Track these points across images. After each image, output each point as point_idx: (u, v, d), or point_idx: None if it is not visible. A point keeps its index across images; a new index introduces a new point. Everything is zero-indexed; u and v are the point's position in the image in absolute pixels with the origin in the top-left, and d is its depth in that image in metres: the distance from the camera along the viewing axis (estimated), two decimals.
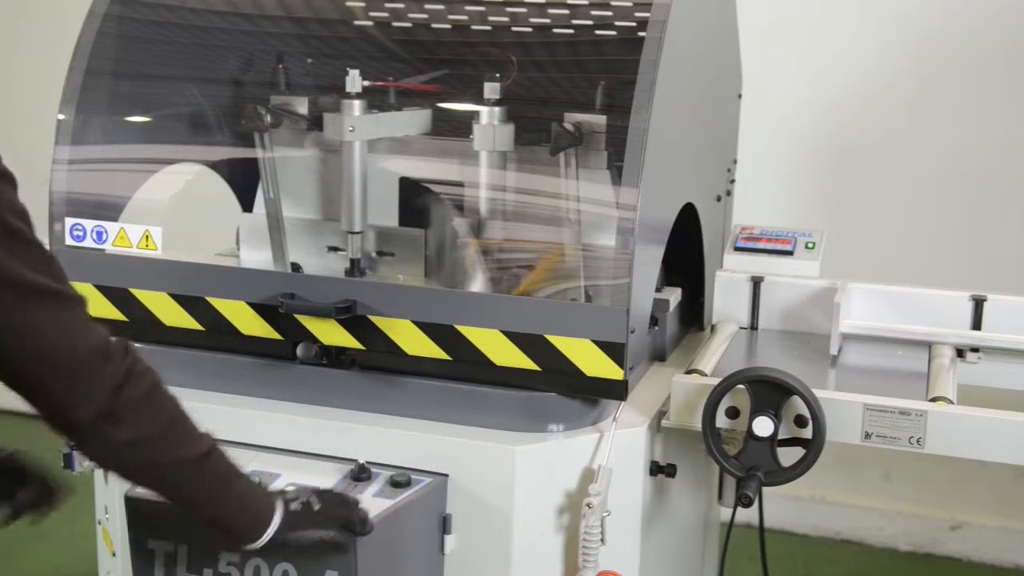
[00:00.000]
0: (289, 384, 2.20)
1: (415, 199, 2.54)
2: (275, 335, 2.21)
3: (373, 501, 1.99)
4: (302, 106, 2.52)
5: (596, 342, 2.06)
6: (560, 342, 2.08)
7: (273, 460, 2.11)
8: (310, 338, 2.19)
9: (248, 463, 2.09)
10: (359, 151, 2.45)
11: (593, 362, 2.07)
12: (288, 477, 2.05)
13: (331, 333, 2.16)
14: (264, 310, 2.19)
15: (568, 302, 2.20)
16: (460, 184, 2.50)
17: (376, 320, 2.15)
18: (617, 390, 2.08)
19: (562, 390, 2.11)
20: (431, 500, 2.05)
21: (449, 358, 2.13)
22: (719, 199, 2.74)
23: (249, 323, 2.21)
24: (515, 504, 2.06)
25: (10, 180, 1.47)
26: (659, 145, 2.11)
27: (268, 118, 2.46)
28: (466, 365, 2.13)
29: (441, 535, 2.08)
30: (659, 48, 2.11)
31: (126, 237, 2.32)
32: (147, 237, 2.31)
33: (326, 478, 2.05)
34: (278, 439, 2.15)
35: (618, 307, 2.06)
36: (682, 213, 2.37)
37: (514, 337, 2.10)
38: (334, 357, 2.20)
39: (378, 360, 2.17)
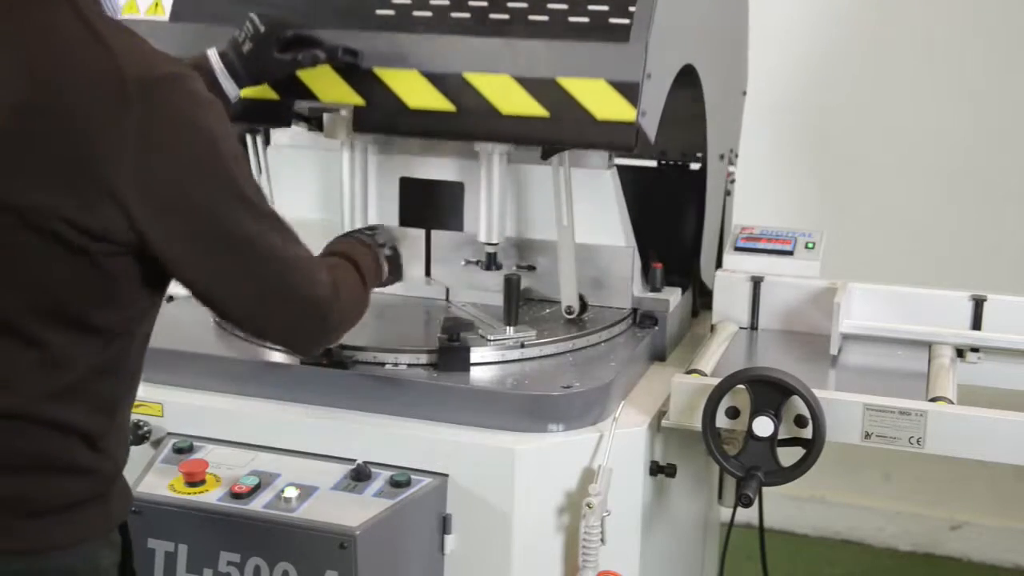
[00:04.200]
0: (289, 384, 2.20)
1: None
2: (272, 95, 2.17)
3: (373, 501, 2.00)
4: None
5: (610, 82, 1.99)
6: (572, 84, 2.00)
7: (273, 460, 2.11)
8: (310, 96, 2.15)
9: (248, 463, 2.10)
10: (359, 151, 2.45)
11: (605, 104, 1.99)
12: (288, 477, 2.05)
13: (332, 88, 2.10)
14: None
15: (582, 42, 2.09)
16: (460, 184, 2.51)
17: (380, 72, 2.09)
18: (627, 136, 1.99)
19: (570, 138, 2.04)
20: (431, 500, 2.05)
21: (454, 108, 2.07)
22: (722, 158, 2.73)
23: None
24: (515, 504, 2.06)
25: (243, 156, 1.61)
26: None
27: None
28: (471, 117, 2.07)
29: (441, 535, 2.08)
30: None
31: None
32: None
33: (326, 478, 2.05)
34: (278, 439, 2.15)
35: (636, 44, 1.99)
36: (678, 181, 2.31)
37: (524, 82, 2.03)
38: (334, 357, 2.20)
39: (377, 119, 2.12)
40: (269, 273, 1.64)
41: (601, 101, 2.02)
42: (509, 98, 2.05)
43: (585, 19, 2.09)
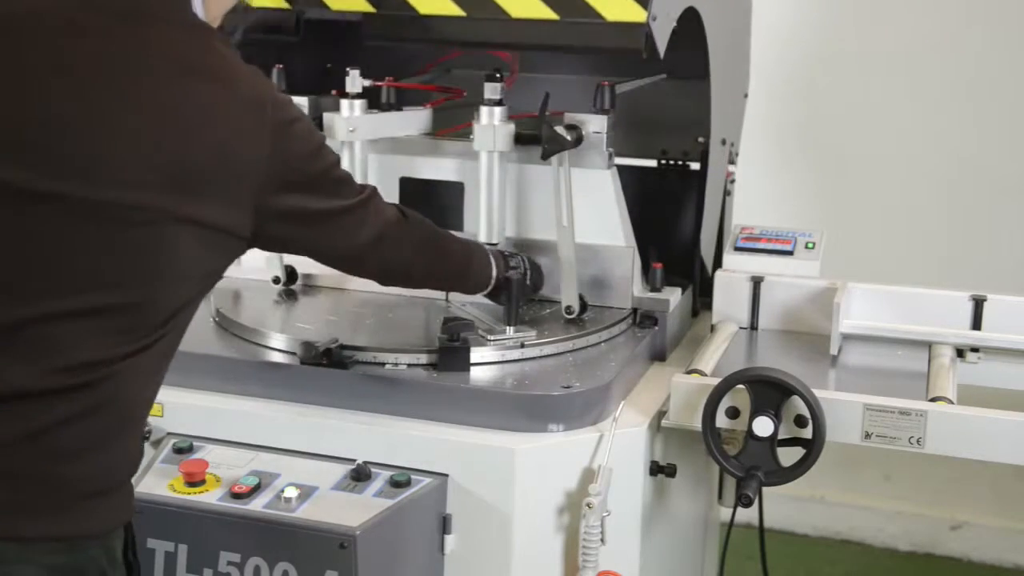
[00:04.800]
0: (289, 384, 2.20)
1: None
2: (281, 3, 2.20)
3: (373, 501, 2.00)
4: (303, 106, 2.51)
5: None
6: None
7: (273, 460, 2.11)
8: (319, 4, 2.16)
9: (248, 463, 2.10)
10: (359, 151, 2.45)
11: (615, 6, 2.01)
12: (288, 477, 2.05)
13: None
14: None
15: None
16: (460, 184, 2.51)
17: None
18: (636, 37, 2.01)
19: (579, 41, 2.06)
20: (431, 500, 2.05)
21: (463, 13, 2.10)
22: (724, 142, 2.72)
23: None
24: (515, 504, 2.06)
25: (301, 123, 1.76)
26: None
27: None
28: (481, 22, 2.11)
29: (441, 535, 2.08)
30: None
31: None
32: None
33: (326, 478, 2.05)
34: (278, 439, 2.15)
35: None
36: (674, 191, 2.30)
37: None
38: (334, 357, 2.20)
39: (388, 25, 2.15)
40: (358, 236, 1.91)
41: (612, 3, 2.03)
42: (519, 2, 2.07)
43: None
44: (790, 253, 2.54)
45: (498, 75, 2.38)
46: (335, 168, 1.84)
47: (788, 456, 2.08)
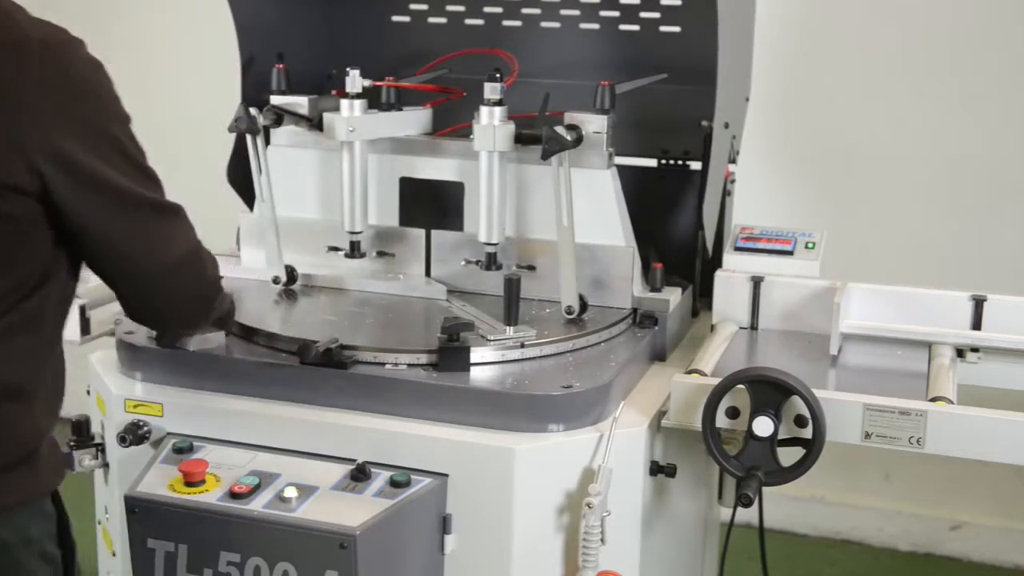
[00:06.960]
0: (289, 384, 2.20)
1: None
2: None
3: (373, 501, 2.00)
4: (302, 106, 2.52)
5: None
6: None
7: (273, 460, 2.11)
8: None
9: (248, 463, 2.10)
10: (359, 151, 2.45)
11: None
12: (288, 477, 2.05)
13: None
14: None
15: None
16: (460, 184, 2.51)
17: None
18: None
19: None
20: (431, 500, 2.05)
21: None
22: (727, 127, 2.69)
23: None
24: (515, 504, 2.06)
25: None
26: None
27: (260, 120, 2.45)
28: None
29: (441, 535, 2.08)
30: None
31: None
32: None
33: (326, 478, 2.05)
34: (278, 439, 2.15)
35: None
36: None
37: None
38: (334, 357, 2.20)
39: None
40: (173, 248, 1.81)
41: None
42: None
43: None
44: (790, 253, 2.54)
45: (498, 75, 2.38)
46: (141, 156, 1.75)
47: (788, 456, 2.08)
